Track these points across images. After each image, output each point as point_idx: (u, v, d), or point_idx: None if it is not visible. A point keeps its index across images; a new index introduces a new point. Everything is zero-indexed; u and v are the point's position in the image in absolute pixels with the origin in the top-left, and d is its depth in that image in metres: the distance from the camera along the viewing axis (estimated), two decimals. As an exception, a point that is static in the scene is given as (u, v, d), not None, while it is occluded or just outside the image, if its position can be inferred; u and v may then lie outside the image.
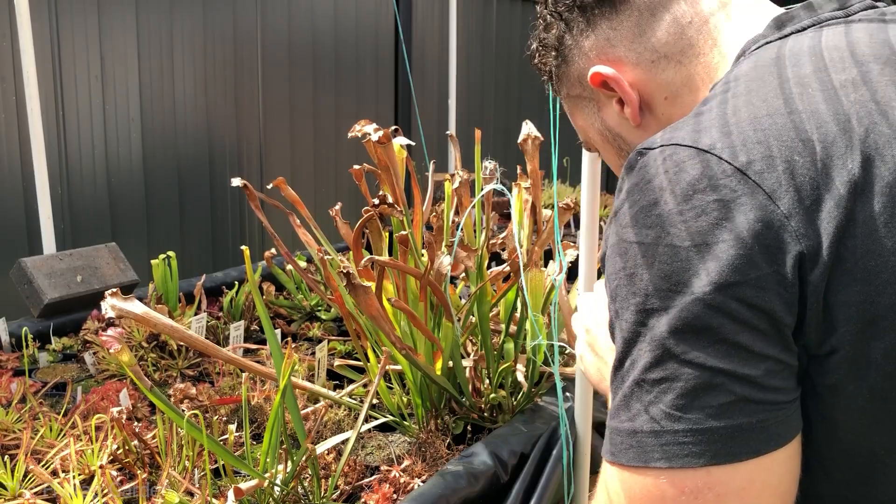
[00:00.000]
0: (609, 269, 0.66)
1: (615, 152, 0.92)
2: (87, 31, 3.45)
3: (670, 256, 0.60)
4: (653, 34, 0.83)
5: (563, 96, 0.94)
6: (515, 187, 1.58)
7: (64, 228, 3.41)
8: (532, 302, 1.40)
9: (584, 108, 0.92)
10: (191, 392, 1.30)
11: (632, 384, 0.62)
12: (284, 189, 1.62)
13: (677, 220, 0.60)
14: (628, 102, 0.84)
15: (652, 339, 0.61)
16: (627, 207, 0.65)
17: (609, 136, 0.90)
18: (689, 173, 0.61)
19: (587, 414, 1.30)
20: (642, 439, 0.61)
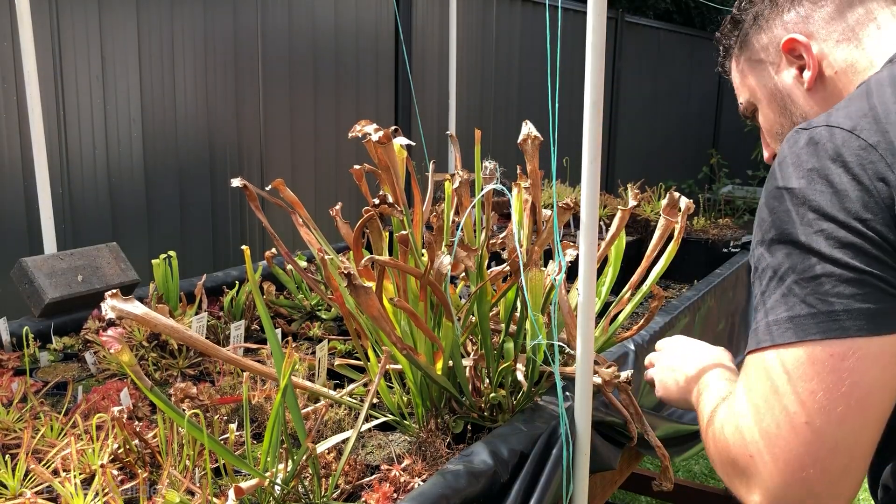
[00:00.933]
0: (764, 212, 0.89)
1: (778, 109, 1.13)
2: (87, 32, 3.45)
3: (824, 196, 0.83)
4: (844, 20, 1.05)
5: (743, 59, 1.17)
6: (515, 187, 1.58)
7: (65, 228, 3.41)
8: (532, 301, 1.40)
9: (762, 70, 1.14)
10: (191, 391, 1.30)
11: (791, 284, 0.84)
12: (283, 190, 1.62)
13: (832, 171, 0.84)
14: (810, 68, 1.06)
15: (810, 250, 0.83)
16: (791, 163, 0.87)
17: (779, 95, 1.12)
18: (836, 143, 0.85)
19: (587, 413, 1.31)
20: (801, 322, 0.83)
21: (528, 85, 6.58)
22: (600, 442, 1.53)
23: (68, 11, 3.36)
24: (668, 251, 1.71)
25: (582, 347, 1.27)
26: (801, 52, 1.07)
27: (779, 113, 1.13)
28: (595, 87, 1.18)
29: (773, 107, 1.13)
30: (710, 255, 3.04)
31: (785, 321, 0.84)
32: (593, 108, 1.19)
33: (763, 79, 1.14)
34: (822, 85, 1.06)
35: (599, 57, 1.17)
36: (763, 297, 0.88)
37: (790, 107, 1.10)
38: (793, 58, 1.08)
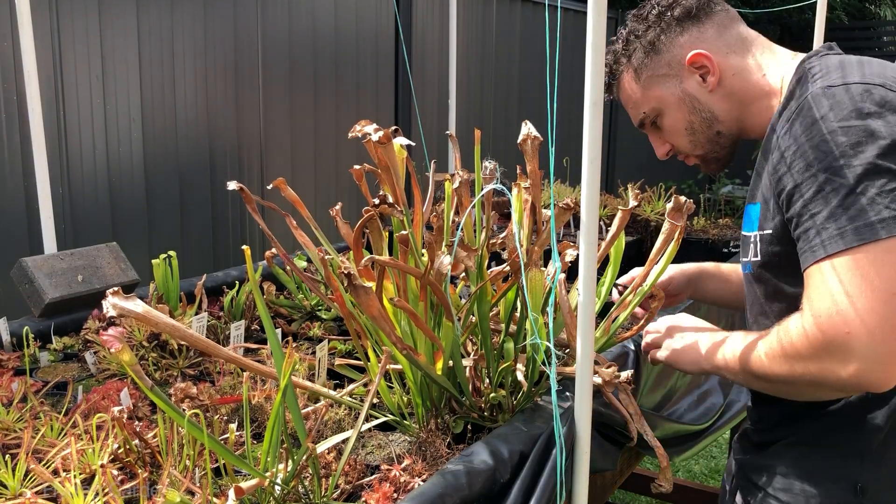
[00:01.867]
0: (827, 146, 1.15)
1: (688, 109, 1.45)
2: (87, 31, 3.45)
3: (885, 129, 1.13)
4: (726, 37, 1.44)
5: (645, 77, 1.47)
6: (515, 187, 1.58)
7: (65, 228, 3.41)
8: (532, 302, 1.40)
9: (667, 82, 1.45)
10: (191, 391, 1.30)
11: (874, 195, 1.10)
12: (284, 189, 1.62)
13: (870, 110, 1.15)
14: (713, 74, 1.41)
15: (876, 169, 1.11)
16: (830, 111, 1.17)
17: (687, 98, 1.44)
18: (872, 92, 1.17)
19: (587, 413, 1.31)
20: (889, 222, 1.09)
21: (528, 85, 6.58)
22: (600, 442, 1.53)
23: (68, 11, 3.36)
24: (669, 251, 1.71)
25: (582, 347, 1.27)
26: (704, 63, 1.41)
27: (689, 112, 1.45)
28: (595, 87, 1.18)
29: (682, 109, 1.45)
30: (710, 255, 3.04)
31: (881, 221, 1.09)
32: (593, 108, 1.19)
33: (670, 88, 1.45)
34: (721, 86, 1.42)
35: (600, 57, 1.17)
36: (840, 208, 1.12)
37: (697, 105, 1.44)
38: (695, 68, 1.42)
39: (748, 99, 1.42)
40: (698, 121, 1.45)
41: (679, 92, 1.44)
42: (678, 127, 1.47)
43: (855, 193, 1.11)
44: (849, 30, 10.69)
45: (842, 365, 1.12)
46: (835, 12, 9.91)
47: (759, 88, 1.41)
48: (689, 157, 1.54)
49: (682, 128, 1.47)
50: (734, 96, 1.42)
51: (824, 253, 1.14)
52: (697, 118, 1.44)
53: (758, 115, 1.42)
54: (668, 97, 1.45)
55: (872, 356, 1.09)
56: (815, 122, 1.17)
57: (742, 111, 1.43)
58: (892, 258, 1.08)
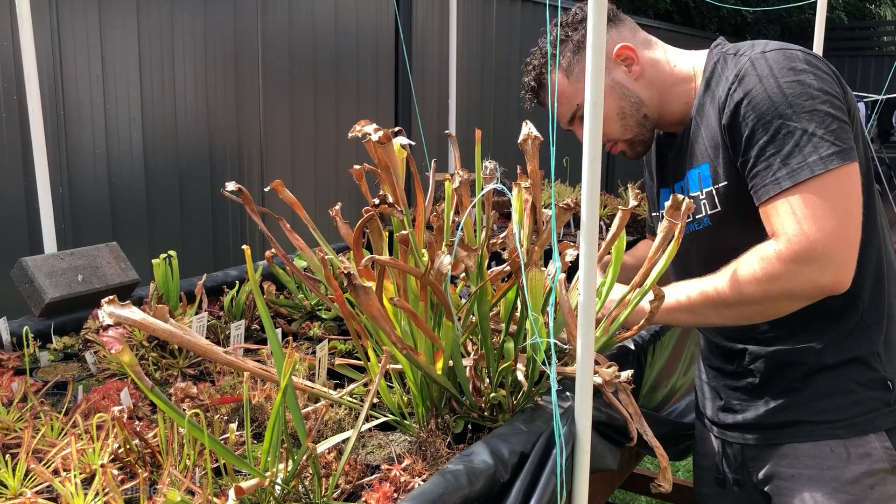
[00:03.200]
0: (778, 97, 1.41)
1: (619, 96, 1.64)
2: (87, 31, 3.45)
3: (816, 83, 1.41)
4: (638, 36, 1.67)
5: (577, 72, 1.65)
6: (515, 187, 1.58)
7: (65, 228, 3.41)
8: (532, 301, 1.40)
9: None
10: (191, 391, 1.30)
11: (823, 134, 1.38)
12: (282, 191, 1.62)
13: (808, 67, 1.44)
14: (637, 63, 1.63)
15: (819, 113, 1.39)
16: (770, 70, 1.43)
17: (616, 87, 1.63)
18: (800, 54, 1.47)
19: (587, 413, 1.31)
20: (841, 153, 1.38)
21: (528, 85, 6.57)
22: (600, 442, 1.53)
23: (68, 11, 3.36)
24: (669, 251, 1.71)
25: (582, 347, 1.27)
26: (629, 54, 1.62)
27: (619, 98, 1.63)
28: (596, 87, 1.18)
29: (613, 96, 1.63)
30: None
31: (829, 156, 1.36)
32: (594, 108, 1.19)
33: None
34: (643, 76, 1.63)
35: (600, 56, 1.17)
36: (796, 148, 1.38)
37: (626, 92, 1.63)
38: (620, 60, 1.62)
39: (665, 85, 1.64)
40: (628, 105, 1.63)
41: (609, 81, 1.61)
42: (610, 113, 1.63)
43: (807, 134, 1.37)
44: (849, 29, 10.68)
45: (820, 272, 1.37)
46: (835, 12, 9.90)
47: (674, 76, 1.64)
48: (618, 143, 1.70)
49: (614, 114, 1.64)
50: (654, 83, 1.64)
51: (791, 182, 1.37)
52: (627, 103, 1.63)
53: (675, 99, 1.64)
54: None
55: (840, 260, 1.37)
56: (761, 80, 1.42)
57: (661, 97, 1.64)
58: (843, 184, 1.38)
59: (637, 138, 1.69)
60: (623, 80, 1.62)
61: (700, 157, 1.59)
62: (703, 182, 1.59)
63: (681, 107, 1.64)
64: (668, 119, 1.68)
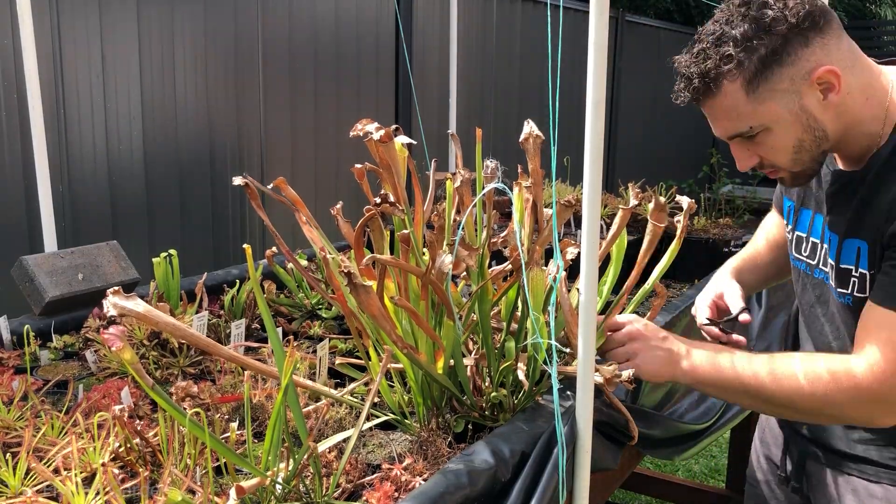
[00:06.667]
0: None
1: (802, 128, 1.33)
2: (88, 30, 3.45)
3: None
4: (843, 50, 1.32)
5: (761, 90, 1.30)
6: (516, 186, 1.58)
7: (65, 226, 3.41)
8: (533, 301, 1.40)
9: (784, 98, 1.31)
10: (192, 390, 1.30)
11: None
12: (285, 189, 1.62)
13: None
14: (838, 92, 1.30)
15: None
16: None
17: (804, 116, 1.32)
18: None
19: (588, 412, 1.30)
20: None
21: (529, 83, 6.57)
22: (601, 441, 1.53)
23: (69, 10, 3.35)
24: (671, 250, 1.71)
25: (583, 347, 1.27)
26: (831, 80, 1.29)
27: (802, 130, 1.33)
28: (597, 86, 1.18)
29: (796, 127, 1.33)
30: (711, 254, 3.04)
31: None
32: (595, 108, 1.19)
33: (788, 104, 1.31)
34: (837, 105, 1.32)
35: (602, 56, 1.17)
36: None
37: (812, 124, 1.32)
38: (818, 84, 1.29)
39: (854, 121, 1.35)
40: (809, 139, 1.34)
41: (797, 108, 1.31)
42: (786, 144, 1.35)
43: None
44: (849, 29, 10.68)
45: (883, 414, 1.28)
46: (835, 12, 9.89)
47: (866, 112, 1.35)
48: (780, 171, 1.43)
49: (790, 145, 1.35)
50: (844, 116, 1.34)
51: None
52: (810, 136, 1.34)
53: (859, 139, 1.37)
54: (783, 113, 1.32)
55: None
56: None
57: (846, 132, 1.36)
58: None
59: (806, 172, 1.41)
60: (814, 109, 1.31)
61: (863, 232, 1.36)
62: (860, 260, 1.37)
63: (861, 150, 1.38)
64: (842, 153, 1.43)
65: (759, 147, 1.38)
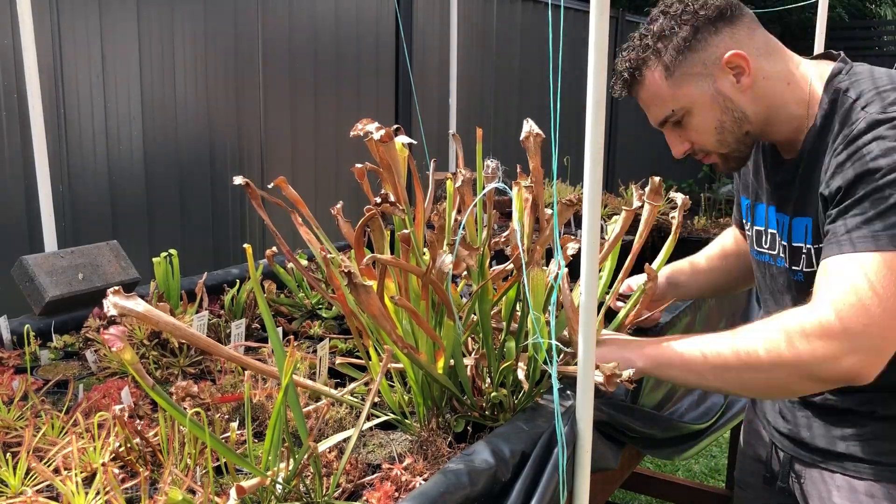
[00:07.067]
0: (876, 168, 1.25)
1: (720, 109, 1.44)
2: (88, 30, 3.44)
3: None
4: (755, 40, 1.43)
5: (677, 75, 1.43)
6: (516, 186, 1.58)
7: (65, 226, 3.41)
8: (533, 300, 1.40)
9: (699, 81, 1.43)
10: (192, 390, 1.30)
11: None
12: (285, 188, 1.62)
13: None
14: (748, 75, 1.41)
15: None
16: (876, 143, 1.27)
17: (720, 98, 1.43)
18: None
19: (588, 412, 1.30)
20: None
21: (529, 83, 6.57)
22: (601, 441, 1.53)
23: (69, 10, 3.35)
24: (667, 246, 1.71)
25: (584, 346, 1.27)
26: (740, 63, 1.41)
27: (720, 111, 1.44)
28: (597, 86, 1.18)
29: (714, 108, 1.44)
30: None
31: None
32: (596, 107, 1.19)
33: (703, 87, 1.44)
34: (753, 88, 1.43)
35: (602, 56, 1.17)
36: (875, 216, 1.23)
37: (729, 105, 1.44)
38: (729, 68, 1.41)
39: (776, 104, 1.45)
40: (729, 120, 1.45)
41: (712, 91, 1.43)
42: (707, 126, 1.47)
43: (893, 208, 1.22)
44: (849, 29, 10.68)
45: (847, 353, 1.21)
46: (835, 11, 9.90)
47: (787, 96, 1.45)
48: (711, 155, 1.53)
49: (711, 127, 1.46)
50: (763, 99, 1.44)
51: (852, 249, 1.24)
52: (728, 118, 1.45)
53: (785, 122, 1.46)
54: (700, 96, 1.44)
55: (876, 350, 1.22)
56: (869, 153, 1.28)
57: (769, 115, 1.46)
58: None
59: (733, 154, 1.51)
60: (728, 92, 1.43)
61: (807, 209, 1.45)
62: (807, 237, 1.46)
63: (790, 132, 1.48)
64: (773, 139, 1.52)
65: (687, 131, 1.50)
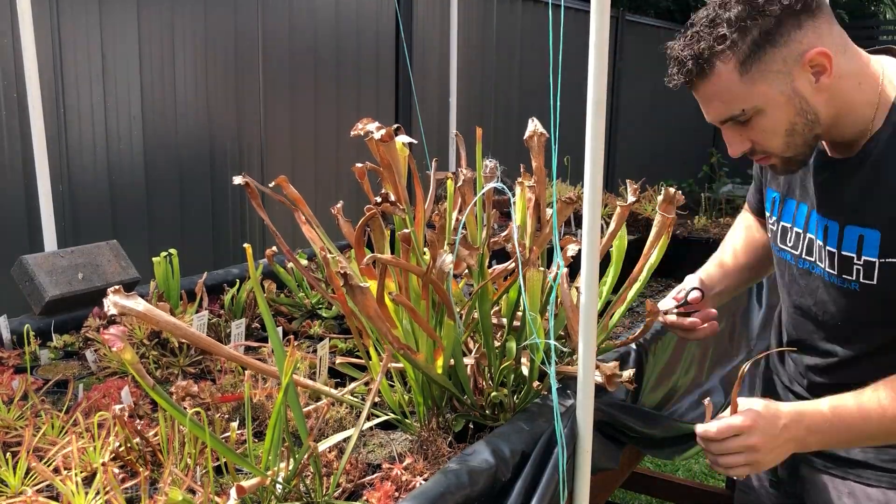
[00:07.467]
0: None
1: (794, 110, 1.34)
2: (88, 29, 3.44)
3: None
4: (834, 35, 1.33)
5: (754, 71, 1.31)
6: (518, 185, 1.58)
7: (65, 226, 3.41)
8: (530, 301, 1.40)
9: (776, 80, 1.32)
10: (192, 390, 1.30)
11: None
12: (286, 187, 1.62)
13: None
14: (829, 74, 1.31)
15: None
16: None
17: (796, 98, 1.32)
18: None
19: (589, 412, 1.30)
20: None
21: (529, 83, 6.57)
22: (601, 441, 1.53)
23: (69, 9, 3.35)
24: (660, 245, 1.70)
25: (584, 346, 1.27)
26: (823, 62, 1.30)
27: (794, 113, 1.33)
28: (598, 86, 1.18)
29: (789, 109, 1.33)
30: (711, 253, 3.03)
31: None
32: (595, 108, 1.19)
33: (780, 86, 1.32)
34: (829, 89, 1.33)
35: (602, 55, 1.17)
36: None
37: (805, 107, 1.33)
38: (810, 67, 1.30)
39: (847, 106, 1.35)
40: (802, 123, 1.35)
41: (789, 91, 1.32)
42: (778, 127, 1.35)
43: None
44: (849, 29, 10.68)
45: None
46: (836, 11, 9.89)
47: (858, 97, 1.35)
48: (772, 157, 1.42)
49: (782, 129, 1.35)
50: (836, 100, 1.34)
51: None
52: (802, 120, 1.34)
53: (852, 124, 1.37)
54: (776, 95, 1.33)
55: None
56: None
57: (837, 117, 1.36)
58: None
59: (797, 157, 1.41)
60: (806, 92, 1.32)
61: (869, 220, 1.36)
62: (864, 248, 1.37)
63: (853, 133, 1.38)
64: (833, 139, 1.43)
65: (752, 131, 1.38)
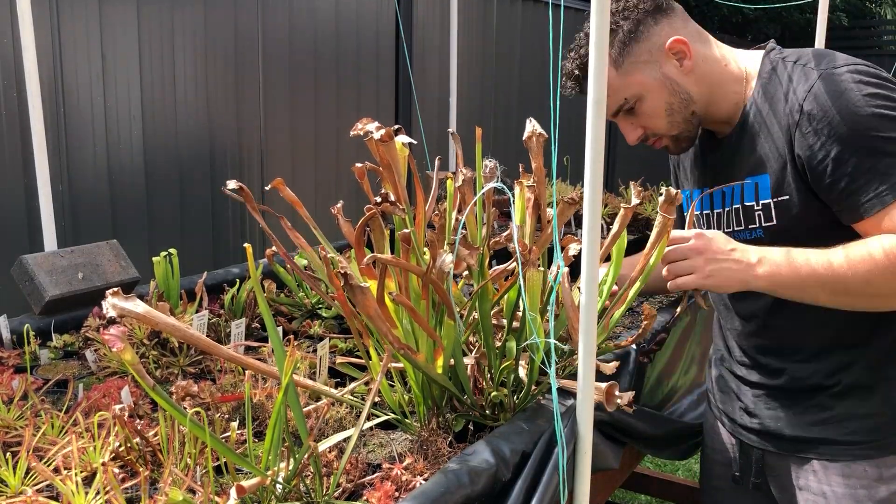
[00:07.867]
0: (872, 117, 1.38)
1: (668, 92, 1.58)
2: (88, 29, 3.44)
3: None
4: (689, 27, 1.60)
5: (627, 64, 1.57)
6: (518, 185, 1.58)
7: (65, 225, 3.41)
8: (530, 302, 1.40)
9: (647, 68, 1.58)
10: (192, 390, 1.30)
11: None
12: (283, 190, 1.62)
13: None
14: (689, 57, 1.57)
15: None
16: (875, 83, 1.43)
17: (667, 81, 1.57)
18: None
19: (589, 412, 1.30)
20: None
21: (529, 83, 6.57)
22: (602, 441, 1.53)
23: (69, 9, 3.35)
24: (660, 246, 1.70)
25: (584, 346, 1.27)
26: (682, 48, 1.56)
27: (669, 94, 1.57)
28: (597, 86, 1.18)
29: (663, 92, 1.57)
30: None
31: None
32: (595, 107, 1.19)
33: (651, 73, 1.57)
34: (694, 71, 1.57)
35: (602, 56, 1.17)
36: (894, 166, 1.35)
37: (676, 87, 1.57)
38: (672, 54, 1.56)
39: (716, 83, 1.59)
40: (677, 102, 1.58)
41: (660, 76, 1.57)
42: (658, 109, 1.59)
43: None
44: (849, 29, 10.68)
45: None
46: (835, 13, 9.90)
47: (725, 74, 1.60)
48: (663, 138, 1.64)
49: (662, 110, 1.59)
50: (705, 79, 1.58)
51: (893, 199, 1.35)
52: (676, 99, 1.58)
53: (724, 99, 1.60)
54: (649, 81, 1.57)
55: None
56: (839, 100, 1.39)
57: (711, 94, 1.59)
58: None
59: (683, 135, 1.63)
60: (674, 75, 1.57)
61: (759, 168, 1.55)
62: (760, 193, 1.55)
63: (730, 107, 1.60)
64: (714, 118, 1.63)
65: (640, 118, 1.62)
